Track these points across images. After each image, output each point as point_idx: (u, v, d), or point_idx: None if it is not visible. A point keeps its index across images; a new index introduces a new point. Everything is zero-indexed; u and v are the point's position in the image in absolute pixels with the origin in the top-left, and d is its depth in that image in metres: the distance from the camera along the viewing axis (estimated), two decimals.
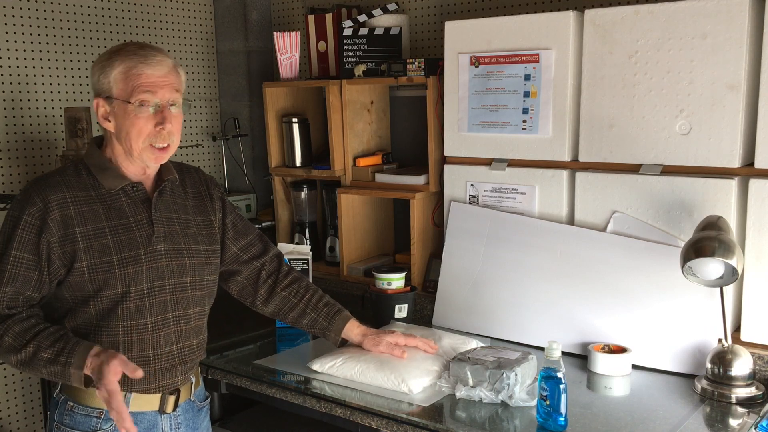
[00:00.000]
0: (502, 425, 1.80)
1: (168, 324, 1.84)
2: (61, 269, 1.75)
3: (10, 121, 2.77)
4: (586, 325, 2.22)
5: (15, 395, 2.84)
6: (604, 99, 2.19)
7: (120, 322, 1.78)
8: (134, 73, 1.74)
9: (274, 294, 2.09)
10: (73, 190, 1.77)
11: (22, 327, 1.72)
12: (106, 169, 1.81)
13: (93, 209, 1.77)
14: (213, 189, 2.02)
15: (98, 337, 1.78)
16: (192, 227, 1.91)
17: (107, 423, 1.80)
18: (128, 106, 1.74)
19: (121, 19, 3.05)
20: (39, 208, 1.72)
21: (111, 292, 1.76)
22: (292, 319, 2.11)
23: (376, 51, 2.76)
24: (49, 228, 1.72)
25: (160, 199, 1.86)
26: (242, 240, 2.06)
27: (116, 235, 1.77)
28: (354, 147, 2.85)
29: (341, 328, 2.08)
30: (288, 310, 2.10)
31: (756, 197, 1.99)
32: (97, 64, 1.78)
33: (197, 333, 1.92)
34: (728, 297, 2.03)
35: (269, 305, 2.10)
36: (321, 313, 2.08)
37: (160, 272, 1.82)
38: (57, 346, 1.69)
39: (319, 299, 2.10)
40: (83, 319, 1.78)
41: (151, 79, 1.75)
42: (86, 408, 1.81)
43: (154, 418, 1.85)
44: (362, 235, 2.89)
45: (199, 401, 1.98)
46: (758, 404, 1.88)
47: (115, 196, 1.80)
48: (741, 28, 1.97)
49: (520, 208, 2.39)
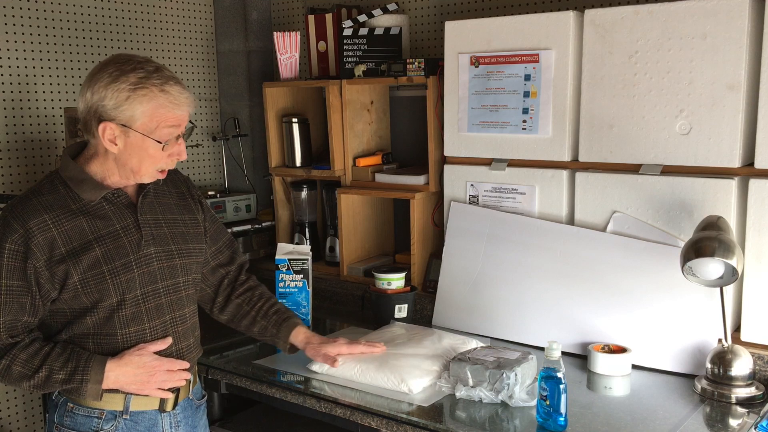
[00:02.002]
0: (502, 425, 1.80)
1: (166, 327, 1.84)
2: (52, 291, 1.73)
3: (10, 121, 2.77)
4: (586, 325, 2.22)
5: (15, 395, 2.84)
6: (604, 99, 2.19)
7: (118, 330, 1.78)
8: (162, 113, 1.70)
9: (230, 301, 2.09)
10: (52, 211, 1.72)
11: (28, 353, 1.73)
12: (83, 181, 1.76)
13: (76, 224, 1.74)
14: (192, 189, 2.01)
15: (98, 346, 1.79)
16: (180, 226, 1.91)
17: (108, 423, 1.81)
18: (148, 140, 1.71)
19: (121, 20, 3.05)
20: (21, 235, 1.69)
21: (107, 303, 1.76)
22: (245, 327, 2.11)
23: (376, 51, 2.76)
24: (33, 253, 1.69)
25: (144, 201, 1.84)
26: (214, 245, 2.06)
27: (104, 246, 1.75)
28: (354, 147, 2.85)
29: (288, 335, 2.08)
30: (240, 317, 2.10)
31: (756, 197, 1.99)
32: (107, 87, 1.68)
33: (193, 331, 1.93)
34: (728, 297, 2.03)
35: (225, 312, 2.11)
36: (270, 321, 2.08)
37: (152, 276, 1.81)
38: (70, 365, 1.73)
39: (270, 307, 2.10)
40: (81, 330, 1.78)
41: (178, 120, 1.74)
42: (87, 409, 1.81)
43: (154, 417, 1.86)
44: (362, 235, 2.89)
45: (197, 399, 1.98)
46: (758, 404, 1.88)
47: (97, 206, 1.77)
48: (741, 28, 1.97)
49: (520, 208, 2.39)
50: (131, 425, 1.83)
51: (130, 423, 1.83)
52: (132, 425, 1.83)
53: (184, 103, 1.73)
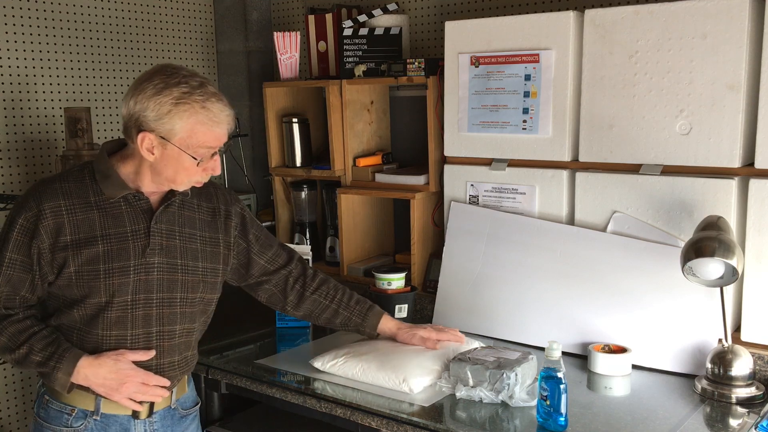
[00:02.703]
0: (502, 425, 1.80)
1: (150, 338, 1.82)
2: (49, 275, 1.77)
3: (10, 121, 2.77)
4: (586, 325, 2.22)
5: (15, 395, 2.84)
6: (604, 99, 2.19)
7: (100, 331, 1.79)
8: (202, 131, 1.72)
9: (304, 298, 2.12)
10: (70, 198, 1.76)
11: (18, 328, 1.77)
12: (109, 177, 1.79)
13: (88, 217, 1.76)
14: (232, 205, 1.99)
15: (80, 342, 1.80)
16: (196, 242, 1.89)
17: (78, 421, 1.82)
18: (184, 155, 1.73)
19: (121, 19, 3.05)
20: (34, 213, 1.74)
21: (95, 300, 1.77)
22: (325, 320, 2.15)
23: (376, 51, 2.76)
24: (40, 235, 1.73)
25: (165, 211, 1.83)
26: (268, 252, 2.08)
27: (108, 244, 1.76)
28: (354, 147, 2.85)
29: (376, 324, 2.14)
30: (320, 312, 2.13)
31: (756, 197, 1.99)
32: (150, 98, 1.69)
33: (182, 350, 1.89)
34: (728, 297, 2.03)
35: (300, 309, 2.14)
36: (354, 312, 2.13)
37: (149, 285, 1.81)
38: (48, 350, 1.76)
39: (350, 298, 2.15)
40: (68, 320, 1.80)
41: (216, 138, 1.75)
42: (59, 404, 1.83)
43: (126, 423, 1.85)
44: (362, 235, 2.89)
45: (182, 408, 1.96)
46: (758, 404, 1.88)
47: (115, 204, 1.79)
48: (741, 28, 1.97)
49: (520, 208, 2.39)
50: (101, 427, 1.83)
51: (100, 424, 1.82)
52: (102, 427, 1.83)
53: (224, 121, 1.75)
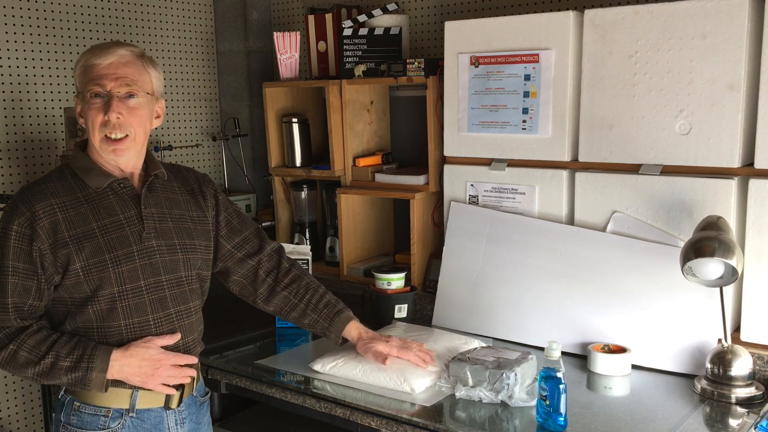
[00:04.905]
0: (501, 425, 1.80)
1: (171, 320, 1.84)
2: (55, 276, 1.76)
3: (10, 121, 2.77)
4: (586, 325, 2.22)
5: (15, 395, 2.84)
6: (604, 99, 2.19)
7: (121, 321, 1.79)
8: (88, 65, 1.79)
9: (275, 293, 2.09)
10: (58, 197, 1.78)
11: (36, 339, 1.75)
12: (91, 170, 1.82)
13: (80, 212, 1.78)
14: (205, 186, 2.02)
15: (102, 339, 1.79)
16: (187, 221, 1.91)
17: (115, 421, 1.81)
18: (85, 98, 1.79)
19: (121, 19, 3.05)
20: (27, 218, 1.74)
21: (107, 291, 1.76)
22: (294, 319, 2.11)
23: (376, 51, 2.76)
24: (39, 235, 1.73)
25: (150, 195, 1.86)
26: (236, 237, 2.05)
27: (106, 234, 1.77)
28: (354, 147, 2.85)
29: (341, 330, 2.08)
30: (289, 309, 2.10)
31: (756, 197, 1.99)
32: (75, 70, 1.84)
33: (198, 326, 1.93)
34: (728, 297, 2.03)
35: (270, 304, 2.11)
36: (321, 314, 2.08)
37: (155, 268, 1.82)
38: (76, 353, 1.74)
39: (320, 299, 2.09)
40: (83, 321, 1.78)
41: (101, 71, 1.78)
42: (93, 407, 1.81)
43: (160, 414, 1.86)
44: (362, 235, 2.89)
45: (200, 396, 1.99)
46: (758, 404, 1.88)
47: (102, 194, 1.81)
48: (741, 28, 1.97)
49: (520, 208, 2.39)
50: (138, 423, 1.83)
51: (136, 421, 1.83)
52: (138, 423, 1.83)
53: (110, 54, 1.82)
